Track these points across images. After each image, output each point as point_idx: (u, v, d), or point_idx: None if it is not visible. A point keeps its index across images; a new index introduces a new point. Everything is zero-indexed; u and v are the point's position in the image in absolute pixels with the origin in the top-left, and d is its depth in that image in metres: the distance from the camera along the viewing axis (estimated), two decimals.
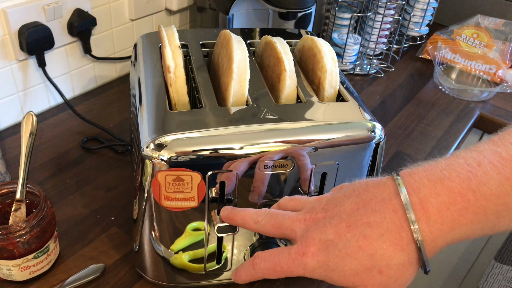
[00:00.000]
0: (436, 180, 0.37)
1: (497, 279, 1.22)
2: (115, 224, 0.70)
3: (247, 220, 0.45)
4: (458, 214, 0.36)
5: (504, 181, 0.36)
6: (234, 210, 0.47)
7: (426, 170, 0.38)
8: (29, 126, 0.61)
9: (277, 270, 0.41)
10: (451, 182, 0.37)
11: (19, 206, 0.59)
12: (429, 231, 0.37)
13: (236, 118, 0.54)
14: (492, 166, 0.36)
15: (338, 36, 1.12)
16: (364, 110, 0.59)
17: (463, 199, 0.36)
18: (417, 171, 0.39)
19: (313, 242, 0.39)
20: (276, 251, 0.42)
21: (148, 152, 0.50)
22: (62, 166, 0.80)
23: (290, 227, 0.41)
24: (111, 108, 0.94)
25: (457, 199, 0.36)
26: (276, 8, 0.88)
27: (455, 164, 0.38)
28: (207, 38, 0.71)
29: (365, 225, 0.38)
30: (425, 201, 0.37)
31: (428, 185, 0.37)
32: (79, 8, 0.86)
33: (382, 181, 0.40)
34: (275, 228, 0.43)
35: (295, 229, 0.41)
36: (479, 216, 0.36)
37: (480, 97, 1.09)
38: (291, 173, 0.54)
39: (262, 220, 0.44)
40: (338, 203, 0.41)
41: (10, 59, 0.81)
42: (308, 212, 0.42)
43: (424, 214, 0.36)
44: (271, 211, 0.44)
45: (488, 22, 1.23)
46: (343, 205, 0.40)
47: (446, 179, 0.37)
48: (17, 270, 0.58)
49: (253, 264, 0.43)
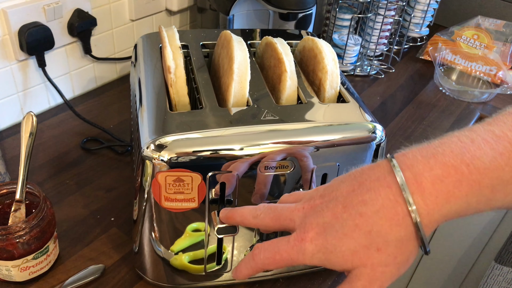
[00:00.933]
0: (429, 156, 0.38)
1: (497, 280, 1.22)
2: (115, 225, 0.70)
3: (246, 216, 0.45)
4: (452, 186, 0.36)
5: (497, 156, 0.36)
6: (232, 210, 0.47)
7: (420, 149, 0.39)
8: (29, 127, 0.61)
9: (277, 259, 0.41)
10: (445, 157, 0.37)
11: (18, 207, 0.59)
12: (424, 203, 0.37)
13: (237, 119, 0.54)
14: (486, 142, 0.37)
15: (338, 37, 1.12)
16: (365, 111, 0.58)
17: (457, 172, 0.36)
18: (410, 151, 0.39)
19: (311, 227, 0.39)
20: (275, 240, 0.42)
21: (149, 152, 0.50)
22: (62, 166, 0.80)
23: (288, 217, 0.42)
24: (111, 109, 0.94)
25: (451, 172, 0.37)
26: (277, 8, 0.88)
27: (449, 141, 0.38)
28: (207, 39, 0.71)
29: (361, 203, 0.38)
30: (419, 175, 0.37)
31: (422, 160, 0.38)
32: (79, 9, 0.86)
33: (377, 163, 0.40)
34: (274, 220, 0.43)
35: (294, 218, 0.41)
36: (474, 189, 0.36)
37: (481, 99, 1.08)
38: (292, 174, 0.54)
39: (261, 214, 0.43)
40: (334, 188, 0.41)
41: (10, 59, 0.81)
42: (306, 201, 0.42)
43: (418, 188, 0.37)
44: (269, 205, 0.44)
45: (488, 23, 1.23)
46: (339, 189, 0.40)
47: (439, 154, 0.37)
48: (17, 270, 0.58)
49: (253, 255, 0.42)
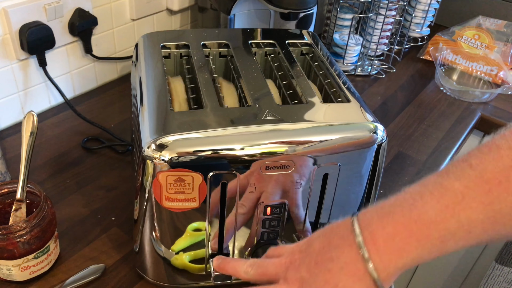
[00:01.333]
0: (383, 215, 0.42)
1: (498, 280, 1.22)
2: (115, 225, 0.70)
3: (237, 271, 0.50)
4: (403, 243, 0.40)
5: (443, 208, 0.39)
6: (224, 260, 0.52)
7: (377, 208, 0.43)
8: (30, 126, 0.61)
9: None
10: (396, 216, 0.41)
11: (19, 206, 0.59)
12: (380, 260, 0.41)
13: (238, 118, 0.54)
14: (433, 197, 0.40)
15: (339, 36, 1.12)
16: (366, 111, 0.58)
17: (406, 229, 0.40)
18: (370, 210, 0.44)
19: (291, 281, 0.45)
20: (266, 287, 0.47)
21: (150, 152, 0.50)
22: (63, 166, 0.79)
23: (273, 272, 0.47)
24: (111, 108, 0.94)
25: (400, 229, 0.40)
26: (278, 8, 0.88)
27: (401, 199, 0.42)
28: (208, 38, 0.71)
29: (329, 260, 0.43)
30: (374, 234, 0.41)
31: (377, 220, 0.42)
32: (80, 8, 0.86)
33: (344, 221, 0.45)
34: (261, 275, 0.48)
35: (278, 273, 0.47)
36: (422, 243, 0.40)
37: (482, 99, 1.08)
38: (293, 174, 0.54)
39: (251, 271, 0.49)
40: (310, 244, 0.46)
41: (11, 58, 0.81)
42: (288, 256, 0.47)
43: (374, 246, 0.41)
44: (258, 262, 0.49)
45: (489, 23, 1.23)
46: (313, 245, 0.45)
47: (392, 213, 0.42)
48: (17, 270, 0.58)
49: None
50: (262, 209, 0.56)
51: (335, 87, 0.64)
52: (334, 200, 0.58)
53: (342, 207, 0.60)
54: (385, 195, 0.80)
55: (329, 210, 0.59)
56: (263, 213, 0.56)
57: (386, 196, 0.41)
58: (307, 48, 0.74)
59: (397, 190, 0.86)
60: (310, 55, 0.74)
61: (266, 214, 0.56)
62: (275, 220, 0.57)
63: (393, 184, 0.83)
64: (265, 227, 0.58)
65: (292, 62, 0.67)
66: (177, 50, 0.70)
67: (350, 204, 0.61)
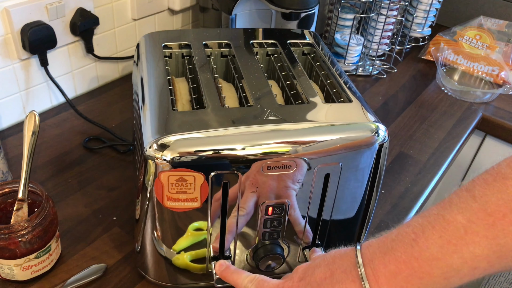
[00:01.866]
0: (386, 251, 0.42)
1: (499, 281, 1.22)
2: (117, 224, 0.70)
3: (237, 284, 0.51)
4: (404, 281, 0.40)
5: (445, 244, 0.38)
6: (227, 270, 0.54)
7: (379, 242, 0.43)
8: (32, 125, 0.61)
9: None
10: (397, 252, 0.41)
11: (21, 206, 0.59)
12: None
13: (239, 118, 0.54)
14: (435, 231, 0.39)
15: (340, 36, 1.12)
16: (367, 111, 0.58)
17: (407, 267, 0.40)
18: (373, 243, 0.44)
19: None
20: None
21: (151, 152, 0.50)
22: (64, 165, 0.80)
23: None
24: (113, 108, 0.94)
25: (402, 267, 0.40)
26: (279, 8, 0.88)
27: (403, 233, 0.41)
28: (210, 38, 0.71)
29: None
30: (377, 271, 0.41)
31: (380, 256, 0.42)
32: (81, 8, 0.86)
33: (346, 252, 0.45)
34: None
35: None
36: (425, 281, 0.39)
37: (483, 99, 1.08)
38: (294, 174, 0.54)
39: (250, 287, 0.50)
40: (310, 272, 0.46)
41: (13, 58, 0.81)
42: (288, 281, 0.48)
43: (376, 283, 0.41)
44: (258, 279, 0.50)
45: (491, 23, 1.23)
46: (314, 274, 0.45)
47: (394, 250, 0.41)
48: (19, 269, 0.58)
49: None
50: (263, 209, 0.56)
51: (337, 87, 0.64)
52: (336, 200, 0.58)
53: (343, 207, 0.60)
54: (385, 195, 0.80)
55: (330, 210, 0.59)
56: (264, 213, 0.56)
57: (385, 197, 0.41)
58: (308, 48, 0.74)
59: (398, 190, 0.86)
60: (311, 55, 0.74)
61: (268, 214, 0.56)
62: (276, 220, 0.57)
63: (395, 184, 0.83)
64: (266, 227, 0.58)
65: (293, 62, 0.67)
66: (179, 50, 0.70)
67: (351, 204, 0.61)
